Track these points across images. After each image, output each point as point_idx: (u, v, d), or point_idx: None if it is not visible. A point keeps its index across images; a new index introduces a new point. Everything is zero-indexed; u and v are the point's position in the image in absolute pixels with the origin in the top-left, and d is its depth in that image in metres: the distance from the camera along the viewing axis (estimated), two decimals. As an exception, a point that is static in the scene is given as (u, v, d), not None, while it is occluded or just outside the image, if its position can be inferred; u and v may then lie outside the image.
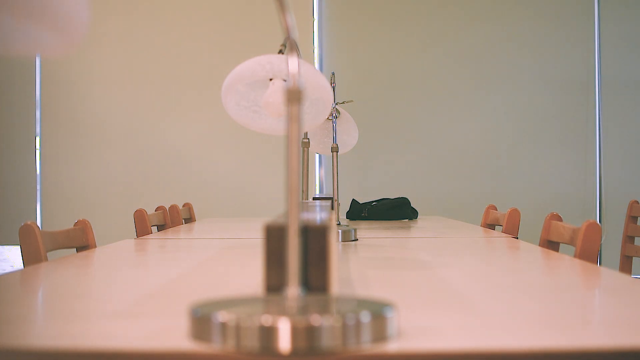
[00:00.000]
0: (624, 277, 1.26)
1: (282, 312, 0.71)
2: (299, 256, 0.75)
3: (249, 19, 4.47)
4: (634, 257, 2.80)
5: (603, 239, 4.10)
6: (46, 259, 1.65)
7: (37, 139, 4.40)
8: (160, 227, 2.71)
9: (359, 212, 3.19)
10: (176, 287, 1.18)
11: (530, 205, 3.99)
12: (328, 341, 0.68)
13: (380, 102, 4.50)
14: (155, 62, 4.43)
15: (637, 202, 2.87)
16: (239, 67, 1.56)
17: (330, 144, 2.32)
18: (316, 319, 0.68)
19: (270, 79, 1.57)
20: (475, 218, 2.97)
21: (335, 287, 1.03)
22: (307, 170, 2.01)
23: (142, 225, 2.44)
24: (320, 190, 4.46)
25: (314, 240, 0.81)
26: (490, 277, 1.29)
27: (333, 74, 2.33)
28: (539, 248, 1.76)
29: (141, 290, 1.14)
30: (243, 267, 1.50)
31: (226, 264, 1.54)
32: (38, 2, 0.58)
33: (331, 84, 2.11)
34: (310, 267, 0.81)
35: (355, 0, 4.56)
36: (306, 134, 2.05)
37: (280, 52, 1.63)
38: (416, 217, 3.20)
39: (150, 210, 2.65)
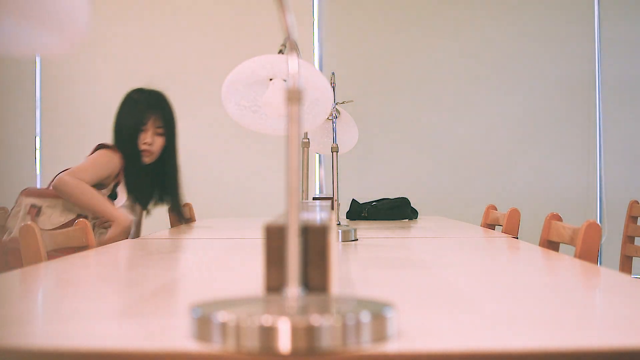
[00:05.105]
0: (624, 277, 1.26)
1: (282, 312, 0.71)
2: (299, 256, 0.75)
3: (249, 19, 4.46)
4: (634, 257, 2.80)
5: (603, 239, 4.10)
6: (46, 259, 1.65)
7: (37, 139, 4.40)
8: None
9: (359, 212, 3.19)
10: (176, 287, 1.18)
11: (530, 205, 3.99)
12: (328, 341, 0.68)
13: (380, 102, 4.50)
14: (155, 62, 4.42)
15: (637, 202, 2.87)
16: (239, 67, 1.56)
17: (330, 144, 2.32)
18: (316, 319, 0.68)
19: (270, 79, 1.57)
20: (475, 218, 2.97)
21: (335, 287, 1.03)
22: (307, 170, 2.01)
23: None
24: (320, 190, 4.46)
25: (314, 240, 0.81)
26: (490, 277, 1.29)
27: (333, 74, 2.32)
28: (539, 248, 1.76)
29: (141, 290, 1.14)
30: (243, 267, 1.50)
31: (226, 264, 1.54)
32: (38, 2, 0.58)
33: (331, 84, 2.11)
34: (310, 267, 0.81)
35: (355, 0, 4.56)
36: (306, 134, 2.05)
37: (280, 52, 1.63)
38: (416, 217, 3.20)
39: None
